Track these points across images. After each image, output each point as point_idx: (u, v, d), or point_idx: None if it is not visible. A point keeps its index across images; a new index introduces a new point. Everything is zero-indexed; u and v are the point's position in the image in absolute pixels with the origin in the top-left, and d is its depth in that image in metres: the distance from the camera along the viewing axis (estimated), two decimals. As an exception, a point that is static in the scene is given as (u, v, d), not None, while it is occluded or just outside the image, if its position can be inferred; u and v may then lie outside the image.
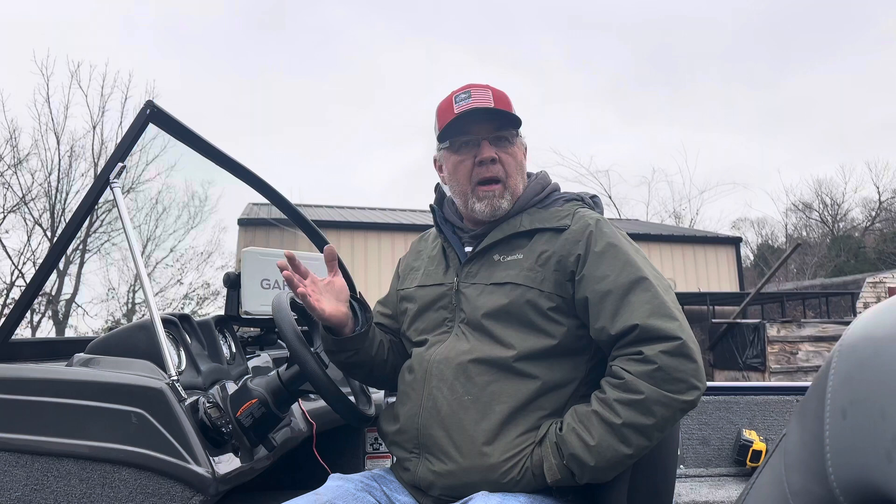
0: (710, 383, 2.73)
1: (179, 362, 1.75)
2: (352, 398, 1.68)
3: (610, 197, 32.08)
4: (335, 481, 1.46)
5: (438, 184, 1.71)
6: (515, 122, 1.55)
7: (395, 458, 1.56)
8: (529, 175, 1.65)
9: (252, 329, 2.52)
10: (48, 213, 16.83)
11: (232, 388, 1.74)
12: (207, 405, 1.54)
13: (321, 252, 2.61)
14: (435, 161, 1.66)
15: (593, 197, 1.64)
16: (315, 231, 2.67)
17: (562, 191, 1.64)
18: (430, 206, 1.70)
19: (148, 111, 1.75)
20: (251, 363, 2.17)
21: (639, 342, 1.34)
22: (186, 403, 1.52)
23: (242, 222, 15.74)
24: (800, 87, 58.41)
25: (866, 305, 15.13)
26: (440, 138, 1.59)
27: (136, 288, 17.36)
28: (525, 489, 1.36)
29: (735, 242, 19.54)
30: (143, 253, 17.11)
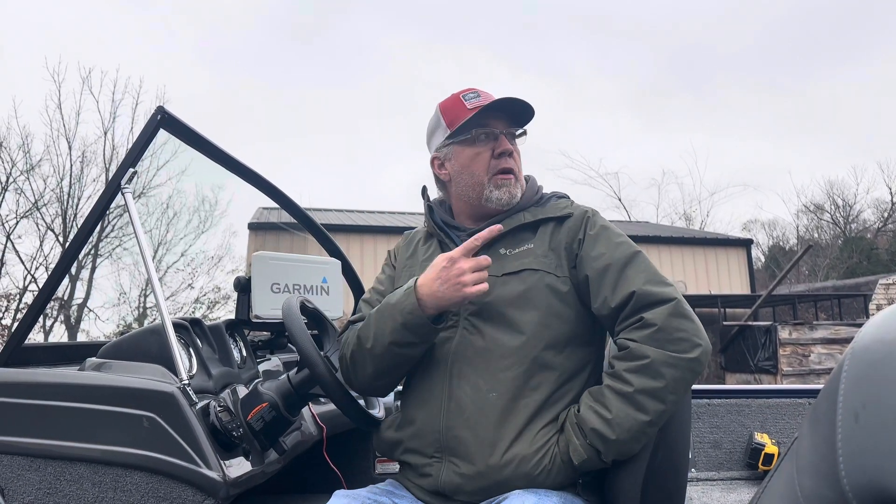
0: (721, 386, 2.72)
1: (190, 366, 1.76)
2: (361, 402, 1.68)
3: (619, 199, 32.02)
4: (341, 499, 1.43)
5: (425, 187, 1.73)
6: (531, 114, 1.59)
7: (405, 467, 1.53)
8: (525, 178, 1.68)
9: (262, 333, 2.52)
10: (60, 218, 16.94)
11: (243, 391, 1.75)
12: (218, 409, 1.55)
13: (329, 255, 2.63)
14: (434, 160, 1.66)
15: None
16: (324, 235, 2.67)
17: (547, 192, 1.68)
18: (427, 205, 1.70)
19: (159, 117, 1.76)
20: (262, 367, 2.18)
21: (638, 309, 1.39)
22: (197, 407, 1.53)
23: (253, 226, 15.80)
24: (816, 91, 58.35)
25: (879, 307, 15.01)
26: (458, 132, 1.58)
27: (148, 292, 17.43)
28: (557, 478, 1.38)
29: (746, 244, 19.44)
30: (154, 257, 17.20)
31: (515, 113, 1.59)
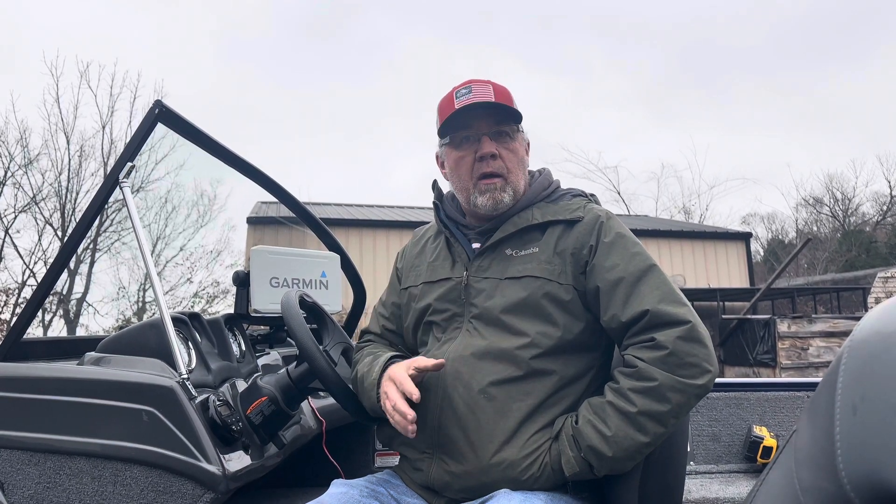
0: (720, 379, 2.72)
1: (190, 361, 1.76)
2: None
3: (619, 193, 31.99)
4: (339, 488, 1.43)
5: (436, 181, 1.70)
6: (516, 117, 1.54)
7: (401, 459, 1.55)
8: (531, 172, 1.65)
9: (261, 327, 2.52)
10: (59, 212, 16.92)
11: (242, 385, 1.75)
12: (218, 403, 1.55)
13: (328, 249, 2.63)
14: (437, 158, 1.65)
15: (592, 195, 1.66)
16: (323, 229, 2.67)
17: (564, 187, 1.64)
18: (434, 202, 1.69)
19: (157, 111, 1.75)
20: (261, 361, 2.18)
21: (650, 328, 1.35)
22: (197, 401, 1.53)
23: (251, 221, 15.80)
24: (817, 86, 58.51)
25: (877, 300, 15.02)
26: (440, 133, 1.58)
27: (147, 287, 17.41)
28: (545, 485, 1.36)
29: (745, 238, 19.46)
30: (152, 252, 17.17)
31: (502, 109, 1.52)
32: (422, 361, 1.41)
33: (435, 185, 1.71)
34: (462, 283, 1.52)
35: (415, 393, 1.35)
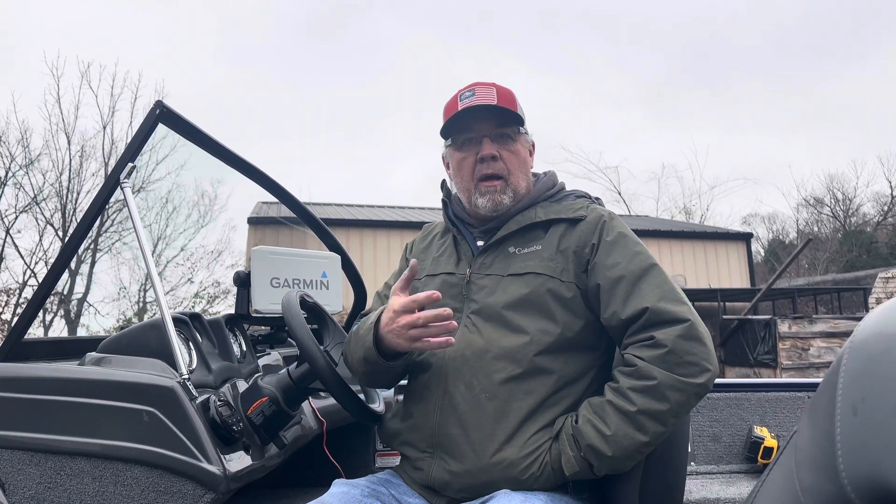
0: (720, 380, 2.72)
1: (190, 361, 1.76)
2: (361, 396, 1.68)
3: (619, 193, 31.98)
4: (340, 487, 1.44)
5: (444, 180, 1.72)
6: (517, 120, 1.55)
7: (402, 459, 1.55)
8: (536, 174, 1.66)
9: (262, 327, 2.52)
10: (60, 213, 16.92)
11: (243, 386, 1.75)
12: (218, 403, 1.55)
13: (329, 249, 2.63)
14: (443, 158, 1.68)
15: (597, 198, 1.67)
16: (324, 229, 2.67)
17: (568, 189, 1.66)
18: (442, 200, 1.71)
19: (157, 111, 1.75)
20: (262, 361, 2.18)
21: (649, 326, 1.35)
22: (198, 402, 1.53)
23: (252, 221, 15.79)
24: (818, 86, 58.60)
25: (878, 301, 15.01)
26: (443, 135, 1.61)
27: (147, 287, 17.41)
28: (545, 485, 1.36)
29: (746, 238, 19.45)
30: (153, 252, 17.17)
31: (503, 112, 1.54)
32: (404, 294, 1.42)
33: (444, 184, 1.73)
34: (465, 280, 1.53)
35: (433, 294, 1.33)
